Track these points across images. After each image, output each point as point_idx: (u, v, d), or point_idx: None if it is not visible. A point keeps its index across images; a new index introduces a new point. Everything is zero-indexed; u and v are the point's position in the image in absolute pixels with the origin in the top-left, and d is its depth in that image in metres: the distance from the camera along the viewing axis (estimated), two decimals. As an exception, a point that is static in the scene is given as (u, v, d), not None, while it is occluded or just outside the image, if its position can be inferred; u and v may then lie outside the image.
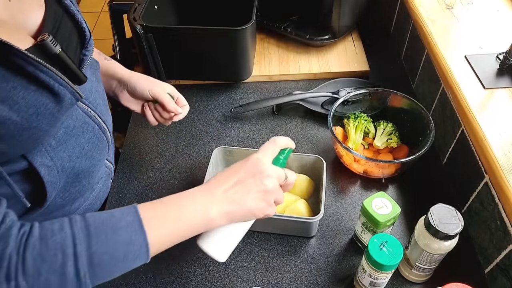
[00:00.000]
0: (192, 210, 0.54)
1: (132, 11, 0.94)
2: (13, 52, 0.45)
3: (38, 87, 0.49)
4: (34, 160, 0.55)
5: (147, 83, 0.79)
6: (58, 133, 0.58)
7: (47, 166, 0.57)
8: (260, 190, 0.56)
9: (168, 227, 0.52)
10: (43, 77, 0.49)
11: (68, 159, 0.61)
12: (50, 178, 0.58)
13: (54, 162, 0.58)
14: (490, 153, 0.66)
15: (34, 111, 0.49)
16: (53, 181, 0.59)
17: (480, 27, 0.89)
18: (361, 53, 1.11)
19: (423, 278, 0.69)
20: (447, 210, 0.60)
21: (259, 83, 1.07)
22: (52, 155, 0.58)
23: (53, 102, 0.51)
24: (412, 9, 0.96)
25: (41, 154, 0.56)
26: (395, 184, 0.84)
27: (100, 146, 0.69)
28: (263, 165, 0.58)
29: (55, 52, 0.52)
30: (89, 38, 0.61)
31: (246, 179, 0.56)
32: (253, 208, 0.56)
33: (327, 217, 0.79)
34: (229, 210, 0.55)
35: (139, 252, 0.49)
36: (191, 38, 0.95)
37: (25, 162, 0.54)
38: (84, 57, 0.60)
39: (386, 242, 0.61)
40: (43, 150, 0.56)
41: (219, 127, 0.97)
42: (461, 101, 0.75)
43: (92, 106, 0.65)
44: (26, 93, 0.48)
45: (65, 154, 0.60)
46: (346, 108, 0.89)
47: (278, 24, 1.12)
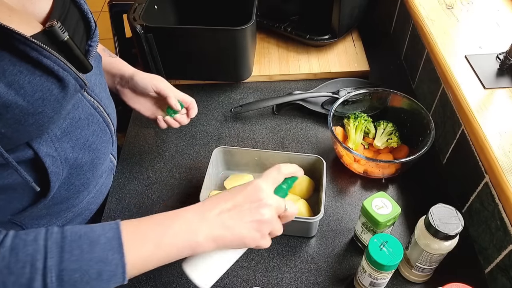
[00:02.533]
0: (178, 231, 0.51)
1: (132, 11, 0.94)
2: (16, 38, 0.45)
3: (43, 73, 0.49)
4: (40, 150, 0.55)
5: (149, 78, 0.79)
6: (64, 123, 0.59)
7: (51, 156, 0.57)
8: (256, 219, 0.53)
9: (149, 248, 0.49)
10: (47, 62, 0.49)
11: (72, 150, 0.61)
12: (54, 168, 0.58)
13: (58, 152, 0.58)
14: (490, 153, 0.66)
15: (39, 96, 0.49)
16: (56, 171, 0.59)
17: (480, 27, 0.89)
18: (361, 53, 1.11)
19: (423, 278, 0.69)
20: (447, 210, 0.60)
21: (259, 83, 1.07)
22: (57, 146, 0.58)
23: (58, 88, 0.52)
24: (412, 9, 0.96)
25: (47, 144, 0.56)
26: (395, 184, 0.84)
27: (104, 139, 0.70)
28: (263, 193, 0.54)
29: (63, 39, 0.52)
30: (94, 29, 0.61)
31: (243, 205, 0.53)
32: (245, 236, 0.53)
33: (327, 217, 0.79)
34: (219, 235, 0.52)
35: (114, 272, 0.46)
36: (191, 38, 0.95)
37: (30, 151, 0.54)
38: (89, 48, 0.60)
39: (386, 242, 0.61)
40: (48, 140, 0.56)
41: (219, 127, 0.97)
42: (461, 101, 0.75)
43: (98, 98, 0.66)
44: (32, 78, 0.48)
45: (68, 145, 0.60)
46: (346, 108, 0.89)
47: (278, 24, 1.12)
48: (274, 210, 0.55)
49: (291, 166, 0.60)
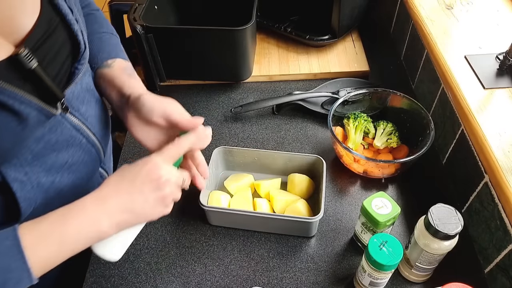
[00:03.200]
0: (80, 225, 0.50)
1: (132, 11, 0.94)
2: None
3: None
4: (7, 174, 0.52)
5: (159, 100, 0.62)
6: (37, 147, 0.55)
7: (20, 182, 0.54)
8: (158, 196, 0.54)
9: (53, 247, 0.49)
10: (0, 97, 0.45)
11: (46, 174, 0.57)
12: (24, 193, 0.54)
13: (29, 177, 0.55)
14: (490, 153, 0.66)
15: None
16: (27, 196, 0.55)
17: (480, 27, 0.89)
18: (361, 53, 1.11)
19: (423, 278, 0.69)
20: (447, 210, 0.60)
21: (259, 83, 1.07)
22: (27, 170, 0.54)
23: (15, 121, 0.48)
24: (412, 9, 0.96)
25: (15, 168, 0.53)
26: (395, 184, 0.84)
27: (88, 160, 0.65)
28: (162, 170, 0.54)
29: (30, 68, 0.48)
30: (83, 52, 0.58)
31: (143, 186, 0.53)
32: (150, 213, 0.55)
33: (327, 217, 0.79)
34: (123, 219, 0.53)
35: (20, 277, 0.46)
36: (191, 38, 0.95)
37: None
38: (75, 71, 0.58)
39: (386, 242, 0.61)
40: (17, 164, 0.53)
41: (219, 127, 0.97)
42: (461, 101, 0.75)
43: (82, 118, 0.62)
44: None
45: (41, 168, 0.56)
46: (346, 108, 0.89)
47: (278, 24, 1.12)
48: (173, 184, 0.56)
49: (188, 141, 0.59)
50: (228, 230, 0.78)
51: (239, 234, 0.77)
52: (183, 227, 0.79)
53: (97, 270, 0.73)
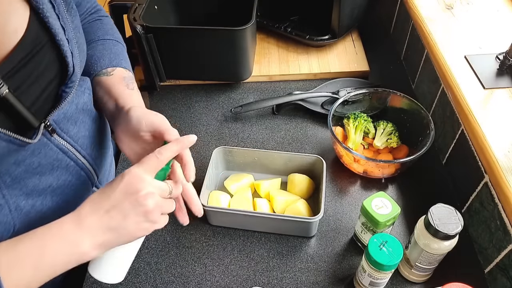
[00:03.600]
0: (58, 248, 0.47)
1: (132, 11, 0.94)
2: None
3: None
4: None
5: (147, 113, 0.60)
6: (16, 170, 0.52)
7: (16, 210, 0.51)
8: (140, 212, 0.49)
9: (29, 271, 0.46)
10: None
11: (26, 197, 0.54)
12: (0, 217, 0.51)
13: (6, 200, 0.51)
14: (490, 153, 0.66)
15: None
16: (3, 220, 0.52)
17: (480, 27, 0.89)
18: (361, 53, 1.11)
19: (423, 278, 0.69)
20: (447, 210, 0.60)
21: (259, 83, 1.07)
22: (5, 193, 0.51)
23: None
24: (412, 9, 0.96)
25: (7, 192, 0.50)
26: (395, 184, 0.84)
27: (76, 183, 0.62)
28: (142, 183, 0.50)
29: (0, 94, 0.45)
30: (71, 75, 0.54)
31: (123, 202, 0.49)
32: (135, 231, 0.50)
33: (327, 217, 0.79)
34: (106, 239, 0.49)
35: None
36: (191, 38, 0.95)
37: None
38: (63, 94, 0.54)
39: (386, 242, 0.61)
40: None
41: (219, 127, 0.97)
42: (461, 101, 0.75)
43: (72, 141, 0.59)
44: None
45: (21, 192, 0.53)
46: (346, 108, 0.89)
47: (278, 24, 1.12)
48: (157, 197, 0.51)
49: (169, 151, 0.53)
50: (228, 230, 0.78)
51: (239, 234, 0.77)
52: (183, 227, 0.79)
53: (97, 270, 0.73)
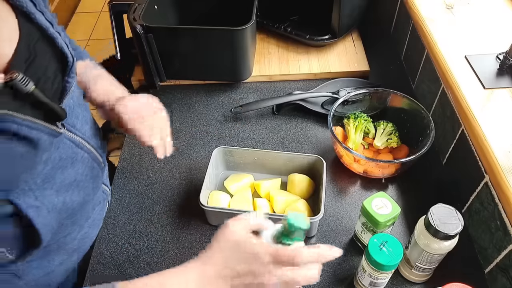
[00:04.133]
0: None
1: (132, 11, 0.94)
2: None
3: (6, 137, 0.44)
4: (20, 202, 0.49)
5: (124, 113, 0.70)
6: (45, 169, 0.53)
7: (35, 207, 0.52)
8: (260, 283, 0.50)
9: None
10: (14, 127, 0.44)
11: (57, 195, 0.56)
12: (41, 219, 0.53)
13: (41, 201, 0.53)
14: (490, 153, 0.66)
15: (7, 164, 0.45)
16: (45, 222, 0.54)
17: (480, 27, 0.89)
18: (361, 53, 1.11)
19: (423, 278, 0.69)
20: (447, 210, 0.60)
21: (259, 83, 1.07)
22: (37, 194, 0.52)
23: (28, 148, 0.47)
24: (412, 9, 0.96)
25: (25, 193, 0.50)
26: (395, 184, 0.84)
27: (92, 175, 0.65)
28: (267, 267, 0.49)
29: (27, 91, 0.46)
30: (72, 64, 0.56)
31: (246, 277, 0.50)
32: None
33: (327, 217, 0.79)
34: None
35: None
36: (191, 38, 0.95)
37: (9, 206, 0.49)
38: (67, 84, 0.55)
39: (386, 242, 0.61)
40: (26, 189, 0.50)
41: (219, 127, 0.97)
42: (461, 101, 0.75)
43: (80, 133, 0.61)
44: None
45: (52, 190, 0.55)
46: (346, 108, 0.89)
47: (278, 24, 1.12)
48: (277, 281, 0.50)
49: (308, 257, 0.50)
50: (228, 230, 0.78)
51: (239, 234, 0.77)
52: (183, 227, 0.79)
53: (97, 270, 0.73)
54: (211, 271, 0.51)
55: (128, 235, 0.78)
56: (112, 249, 0.76)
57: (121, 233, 0.78)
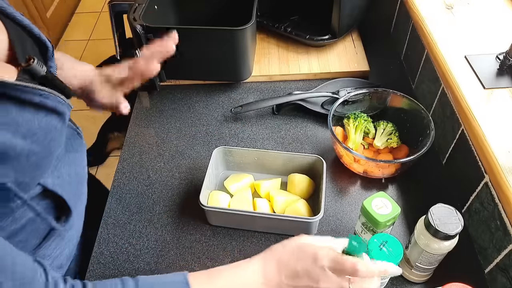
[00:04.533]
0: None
1: (132, 11, 0.94)
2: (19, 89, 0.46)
3: (47, 112, 0.50)
4: (47, 183, 0.55)
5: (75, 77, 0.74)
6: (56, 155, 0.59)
7: (59, 186, 0.58)
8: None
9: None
10: (50, 103, 0.50)
11: (69, 169, 0.62)
12: (66, 193, 0.59)
13: (62, 178, 0.59)
14: (490, 153, 0.66)
15: (50, 138, 0.51)
16: (70, 195, 0.60)
17: (480, 27, 0.89)
18: (361, 53, 1.11)
19: (423, 278, 0.69)
20: (447, 210, 0.60)
21: (259, 83, 1.07)
22: (56, 174, 0.58)
23: (59, 122, 0.53)
24: (412, 9, 0.96)
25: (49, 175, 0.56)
26: (395, 184, 0.84)
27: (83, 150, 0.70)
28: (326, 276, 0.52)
29: (42, 74, 0.51)
30: (52, 51, 0.59)
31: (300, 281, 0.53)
32: None
33: (327, 217, 0.79)
34: None
35: None
36: (191, 38, 0.95)
37: (38, 187, 0.55)
38: (50, 69, 0.58)
39: (386, 242, 0.61)
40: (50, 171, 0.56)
41: (219, 127, 0.97)
42: (461, 101, 0.75)
43: None
44: (39, 122, 0.49)
45: (66, 166, 0.61)
46: (346, 108, 0.89)
47: (278, 24, 1.12)
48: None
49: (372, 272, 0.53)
50: (228, 230, 0.78)
51: (239, 234, 0.77)
52: (183, 227, 0.79)
53: (97, 270, 0.73)
54: (273, 267, 0.53)
55: (128, 235, 0.78)
56: (112, 249, 0.76)
57: (121, 233, 0.78)
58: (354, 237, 0.54)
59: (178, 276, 0.52)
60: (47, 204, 0.58)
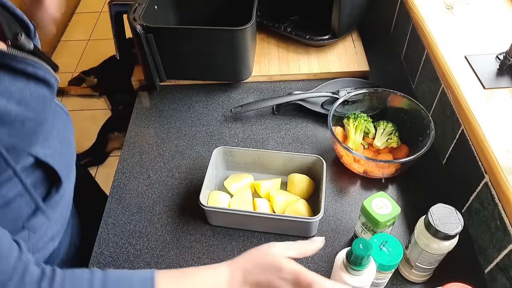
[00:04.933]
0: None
1: (132, 11, 0.94)
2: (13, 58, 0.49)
3: (37, 82, 0.53)
4: (39, 154, 0.57)
5: None
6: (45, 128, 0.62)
7: (51, 156, 0.60)
8: None
9: None
10: (41, 73, 0.53)
11: (60, 145, 0.64)
12: (58, 164, 0.61)
13: (52, 150, 0.61)
14: (490, 153, 0.66)
15: (42, 105, 0.53)
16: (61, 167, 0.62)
17: (480, 27, 0.89)
18: (361, 53, 1.11)
19: (423, 278, 0.69)
20: (447, 210, 0.60)
21: (259, 83, 1.07)
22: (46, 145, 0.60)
23: (48, 91, 0.56)
24: (412, 9, 0.96)
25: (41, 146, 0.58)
26: (395, 184, 0.84)
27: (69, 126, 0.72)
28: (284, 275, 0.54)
29: (30, 48, 0.53)
30: (34, 30, 0.61)
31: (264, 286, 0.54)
32: None
33: (327, 217, 0.79)
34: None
35: None
36: (191, 38, 0.95)
37: (31, 158, 0.57)
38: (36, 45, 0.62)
39: (386, 242, 0.61)
40: (39, 142, 0.58)
41: (219, 127, 0.97)
42: (461, 101, 0.75)
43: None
44: (32, 91, 0.52)
45: (56, 140, 0.63)
46: (346, 108, 0.89)
47: (278, 24, 1.12)
48: None
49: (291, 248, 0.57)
50: (228, 230, 0.78)
51: (239, 234, 0.77)
52: (183, 227, 0.79)
53: (97, 270, 0.73)
54: (239, 276, 0.55)
55: (128, 235, 0.78)
56: (112, 249, 0.76)
57: (121, 233, 0.78)
58: (360, 239, 0.54)
59: (146, 273, 0.53)
60: (37, 178, 0.60)
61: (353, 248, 0.53)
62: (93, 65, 2.42)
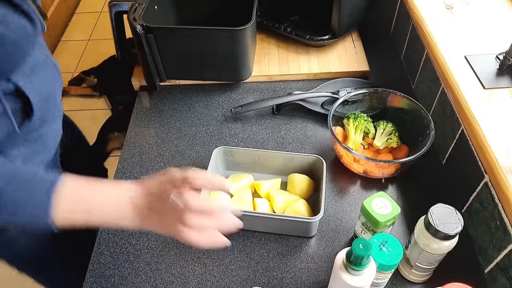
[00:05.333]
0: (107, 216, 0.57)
1: (132, 11, 0.94)
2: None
3: (20, 14, 0.57)
4: (19, 82, 0.63)
5: None
6: (29, 64, 0.66)
7: (30, 89, 0.65)
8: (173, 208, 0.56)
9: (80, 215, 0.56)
10: (25, 6, 0.57)
11: (41, 85, 0.69)
12: (35, 100, 0.66)
13: (33, 85, 0.66)
14: (490, 153, 0.66)
15: (22, 32, 0.58)
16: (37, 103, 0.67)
17: (480, 27, 0.89)
18: (361, 53, 1.11)
19: (423, 278, 0.69)
20: (447, 210, 0.60)
21: (259, 83, 1.07)
22: (27, 80, 0.65)
23: (31, 27, 0.59)
24: (412, 9, 0.96)
25: (23, 78, 0.64)
26: (395, 184, 0.84)
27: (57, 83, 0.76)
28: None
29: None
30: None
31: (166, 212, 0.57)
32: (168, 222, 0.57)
33: (327, 217, 0.79)
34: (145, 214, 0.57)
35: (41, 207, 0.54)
36: (191, 38, 0.95)
37: (11, 85, 0.62)
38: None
39: (386, 242, 0.61)
40: (22, 74, 0.64)
41: (219, 127, 0.97)
42: (461, 101, 0.75)
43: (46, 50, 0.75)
44: (14, 18, 0.56)
45: (38, 80, 0.68)
46: (346, 108, 0.89)
47: (278, 24, 1.12)
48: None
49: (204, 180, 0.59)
50: (228, 230, 0.78)
51: (239, 234, 0.77)
52: (183, 227, 0.78)
53: (97, 270, 0.73)
54: (141, 191, 0.58)
55: (128, 235, 0.78)
56: (112, 249, 0.76)
57: (121, 233, 0.78)
58: (360, 239, 0.54)
59: (52, 176, 0.55)
60: (15, 106, 0.65)
61: (353, 248, 0.53)
62: (93, 65, 2.42)
